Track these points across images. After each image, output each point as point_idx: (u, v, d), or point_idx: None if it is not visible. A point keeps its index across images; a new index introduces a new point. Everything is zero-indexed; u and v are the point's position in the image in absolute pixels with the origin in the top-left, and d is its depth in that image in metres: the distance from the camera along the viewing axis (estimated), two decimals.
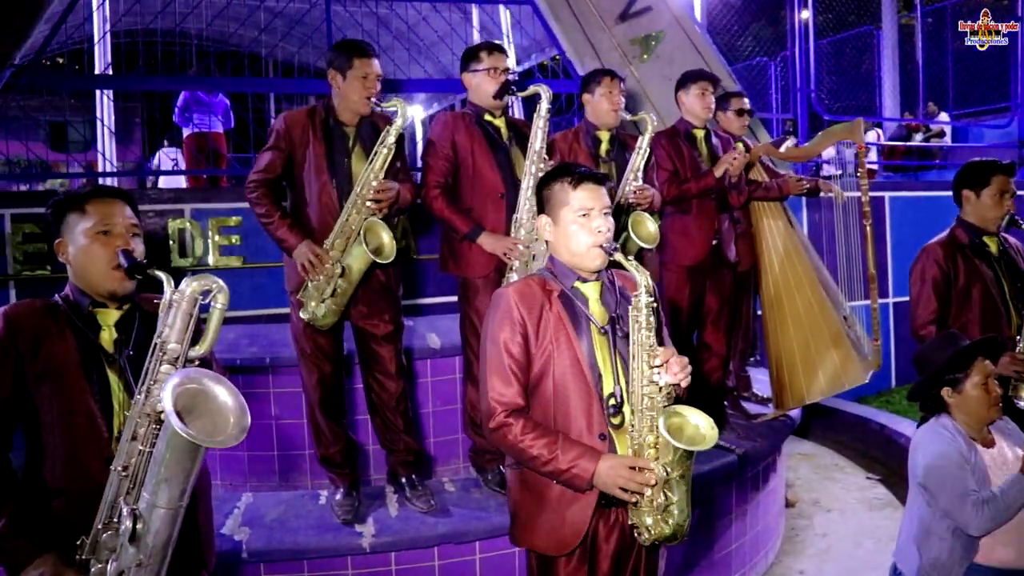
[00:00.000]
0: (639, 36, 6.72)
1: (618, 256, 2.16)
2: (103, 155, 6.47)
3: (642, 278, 2.13)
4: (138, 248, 2.05)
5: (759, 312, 4.84)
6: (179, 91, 7.57)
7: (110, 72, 7.20)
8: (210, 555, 2.18)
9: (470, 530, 3.31)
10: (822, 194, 4.73)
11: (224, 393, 1.86)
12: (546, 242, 2.36)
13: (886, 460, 5.73)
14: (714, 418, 4.23)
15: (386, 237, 3.20)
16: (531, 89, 3.45)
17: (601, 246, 2.20)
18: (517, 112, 6.73)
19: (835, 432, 6.33)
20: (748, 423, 4.56)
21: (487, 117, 3.56)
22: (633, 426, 2.16)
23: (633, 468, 2.09)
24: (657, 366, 2.12)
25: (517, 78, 3.56)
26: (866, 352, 4.46)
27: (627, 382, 2.19)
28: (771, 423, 4.59)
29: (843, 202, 4.63)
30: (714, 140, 4.31)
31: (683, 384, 2.15)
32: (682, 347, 4.32)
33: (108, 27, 6.87)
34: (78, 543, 1.86)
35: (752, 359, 5.60)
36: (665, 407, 2.13)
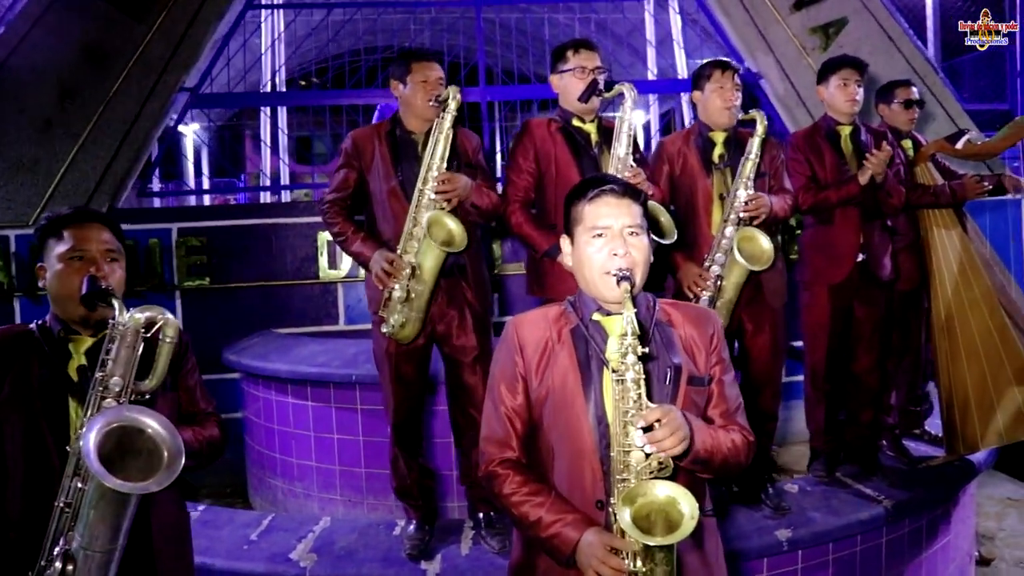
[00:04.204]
0: (818, 24, 6.07)
1: (623, 287, 1.75)
2: (262, 171, 6.77)
3: (627, 314, 1.70)
4: (115, 274, 1.97)
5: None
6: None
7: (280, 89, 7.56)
8: None
9: None
10: (1010, 195, 3.96)
11: (160, 432, 1.73)
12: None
13: None
14: (864, 460, 3.75)
15: (452, 224, 2.96)
16: (615, 89, 3.09)
17: (612, 273, 1.80)
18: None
19: None
20: (909, 467, 3.90)
21: (575, 123, 3.22)
22: (612, 501, 1.72)
23: (613, 550, 1.68)
24: (644, 428, 1.66)
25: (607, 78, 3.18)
26: None
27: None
28: (943, 467, 3.89)
29: None
30: (863, 137, 3.68)
31: (667, 455, 1.66)
32: (826, 378, 3.77)
33: (274, 46, 7.18)
34: None
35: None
36: (652, 478, 1.67)
